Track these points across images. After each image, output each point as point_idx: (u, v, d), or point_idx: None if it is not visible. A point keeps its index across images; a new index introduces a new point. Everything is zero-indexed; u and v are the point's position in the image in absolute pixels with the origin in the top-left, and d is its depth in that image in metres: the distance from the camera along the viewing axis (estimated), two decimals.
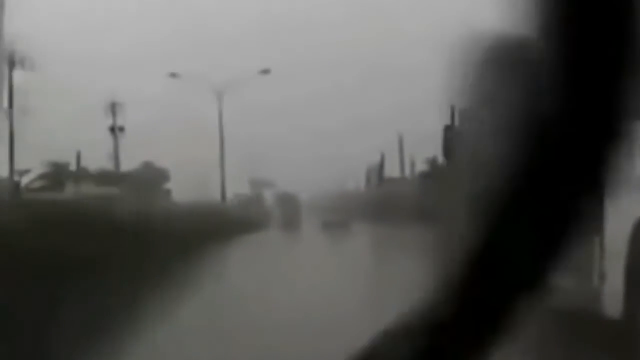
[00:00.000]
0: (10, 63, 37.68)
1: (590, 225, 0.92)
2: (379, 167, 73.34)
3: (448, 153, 12.96)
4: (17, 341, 7.69)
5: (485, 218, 0.93)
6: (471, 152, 11.73)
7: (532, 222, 0.92)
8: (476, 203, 0.93)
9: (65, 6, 69.61)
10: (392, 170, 69.58)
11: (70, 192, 38.81)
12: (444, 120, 15.04)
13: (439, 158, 33.96)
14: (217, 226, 31.30)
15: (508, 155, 0.90)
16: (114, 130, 47.82)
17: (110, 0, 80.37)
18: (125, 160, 49.43)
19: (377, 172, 73.66)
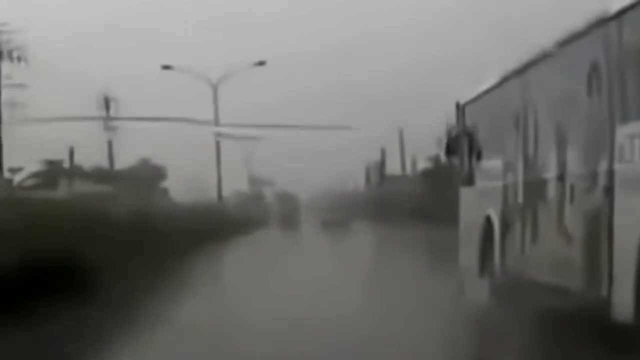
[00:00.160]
0: None
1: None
2: (380, 165, 73.07)
3: (451, 152, 12.88)
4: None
5: None
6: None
7: None
8: None
9: None
10: (393, 168, 69.47)
11: (63, 190, 38.67)
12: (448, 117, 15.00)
13: (442, 156, 33.90)
14: (216, 225, 31.23)
15: None
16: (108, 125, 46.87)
17: None
18: (121, 157, 49.02)
19: (378, 170, 73.46)
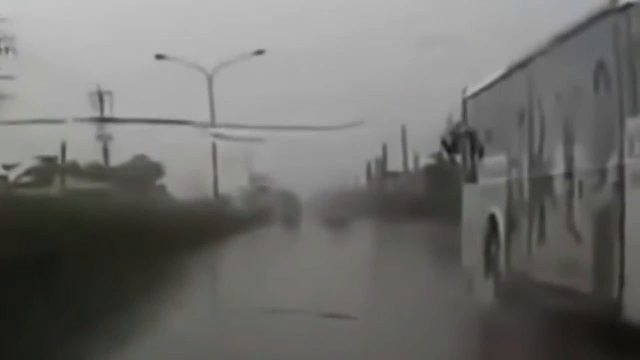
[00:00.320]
0: None
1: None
2: (382, 161, 72.98)
3: (454, 150, 12.78)
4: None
5: None
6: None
7: None
8: None
9: None
10: (395, 164, 69.48)
11: (57, 188, 38.58)
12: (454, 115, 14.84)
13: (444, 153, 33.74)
14: (214, 224, 31.19)
15: None
16: (102, 120, 46.19)
17: None
18: (117, 154, 48.73)
19: (380, 166, 73.43)
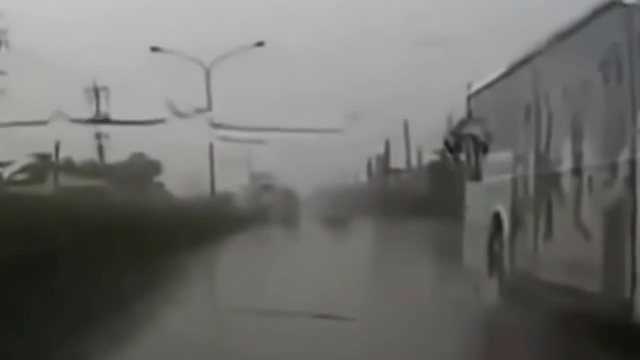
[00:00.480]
0: None
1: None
2: (384, 157, 72.79)
3: (457, 150, 12.68)
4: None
5: None
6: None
7: None
8: None
9: None
10: (396, 161, 69.47)
11: (51, 185, 38.54)
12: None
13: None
14: (212, 222, 31.18)
15: None
16: (97, 117, 45.86)
17: None
18: (115, 151, 48.64)
19: (382, 162, 73.24)
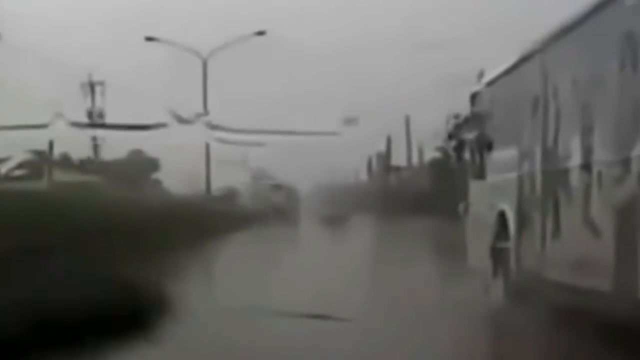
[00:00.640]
0: None
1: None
2: (385, 154, 72.62)
3: (458, 148, 12.70)
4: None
5: None
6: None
7: None
8: None
9: None
10: (397, 159, 69.33)
11: (46, 181, 38.46)
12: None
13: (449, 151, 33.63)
14: (210, 220, 31.15)
15: None
16: (92, 114, 45.68)
17: None
18: (113, 149, 48.43)
19: (383, 159, 73.07)
